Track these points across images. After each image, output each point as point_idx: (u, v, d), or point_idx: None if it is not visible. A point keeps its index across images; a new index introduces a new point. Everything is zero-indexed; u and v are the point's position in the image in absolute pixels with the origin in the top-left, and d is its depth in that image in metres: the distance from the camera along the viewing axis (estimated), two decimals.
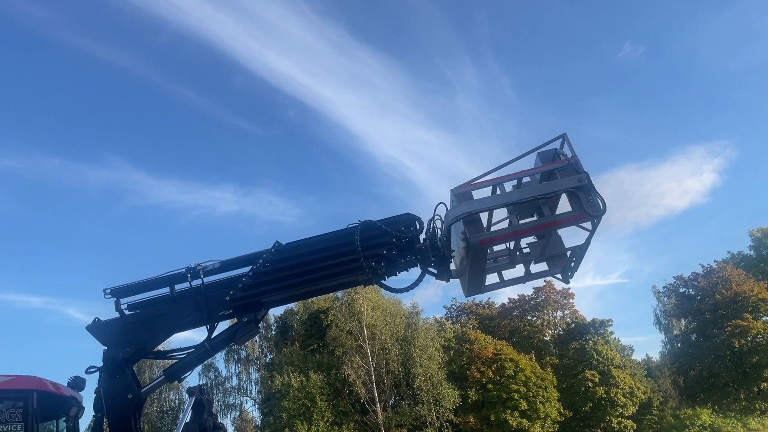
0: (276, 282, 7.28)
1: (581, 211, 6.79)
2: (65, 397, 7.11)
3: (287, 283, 7.33)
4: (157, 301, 7.26)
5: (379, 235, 7.24)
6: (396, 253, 7.24)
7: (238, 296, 7.13)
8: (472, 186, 7.18)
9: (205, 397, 8.99)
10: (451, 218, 6.93)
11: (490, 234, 7.13)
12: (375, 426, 48.74)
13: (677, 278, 68.20)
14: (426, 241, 7.36)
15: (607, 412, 61.06)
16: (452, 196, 7.15)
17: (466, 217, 6.80)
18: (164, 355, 7.45)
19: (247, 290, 7.18)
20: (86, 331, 7.04)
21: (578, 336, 66.66)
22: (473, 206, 6.91)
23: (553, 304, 71.29)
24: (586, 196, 6.76)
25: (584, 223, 7.00)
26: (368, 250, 7.13)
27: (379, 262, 7.18)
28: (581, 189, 6.73)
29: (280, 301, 7.99)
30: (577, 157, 6.96)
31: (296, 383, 48.51)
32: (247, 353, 68.21)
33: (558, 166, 7.05)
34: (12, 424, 6.31)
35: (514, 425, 52.20)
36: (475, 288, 7.93)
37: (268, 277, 7.25)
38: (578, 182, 6.75)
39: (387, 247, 7.19)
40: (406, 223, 7.39)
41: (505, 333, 68.82)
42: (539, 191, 6.94)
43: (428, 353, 50.73)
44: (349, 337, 50.61)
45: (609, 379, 61.26)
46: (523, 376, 54.31)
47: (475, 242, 6.81)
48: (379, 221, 7.32)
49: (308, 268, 7.29)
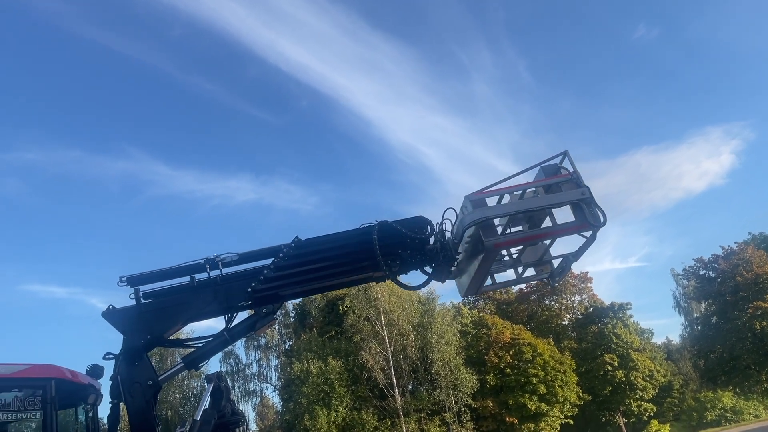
0: (295, 276, 7.59)
1: (584, 221, 7.45)
2: (83, 385, 7.18)
3: (306, 278, 7.68)
4: (176, 289, 7.38)
5: (395, 235, 7.63)
6: (410, 253, 7.65)
7: (260, 288, 7.38)
8: (485, 194, 7.61)
9: (223, 383, 9.14)
10: (468, 222, 7.36)
11: (504, 238, 7.64)
12: (394, 411, 49.13)
13: (697, 260, 67.59)
14: (436, 243, 7.75)
15: (627, 396, 60.97)
16: (466, 202, 7.59)
17: (483, 222, 7.31)
18: (181, 343, 7.57)
19: (268, 282, 7.43)
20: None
21: (597, 320, 66.42)
22: (489, 212, 7.42)
23: (571, 288, 70.94)
24: (589, 208, 7.42)
25: (585, 232, 7.66)
26: (384, 249, 7.53)
27: (395, 260, 7.59)
28: (584, 201, 7.41)
29: (298, 295, 8.30)
30: (578, 172, 7.60)
31: (315, 369, 48.99)
32: (267, 340, 68.96)
33: (562, 180, 7.67)
34: (31, 412, 6.43)
35: (532, 409, 52.32)
36: (473, 288, 8.48)
37: (288, 270, 7.51)
38: (581, 195, 7.44)
39: (402, 247, 7.61)
40: (419, 225, 7.77)
41: (522, 318, 68.77)
42: (548, 201, 7.58)
43: (445, 339, 50.89)
44: (367, 324, 50.92)
45: (628, 363, 61.07)
46: (541, 361, 54.30)
47: (490, 245, 7.35)
48: (394, 222, 7.76)
49: (327, 264, 7.65)
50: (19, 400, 6.42)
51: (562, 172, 7.79)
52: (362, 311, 50.85)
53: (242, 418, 9.28)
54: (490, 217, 7.39)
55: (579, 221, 7.53)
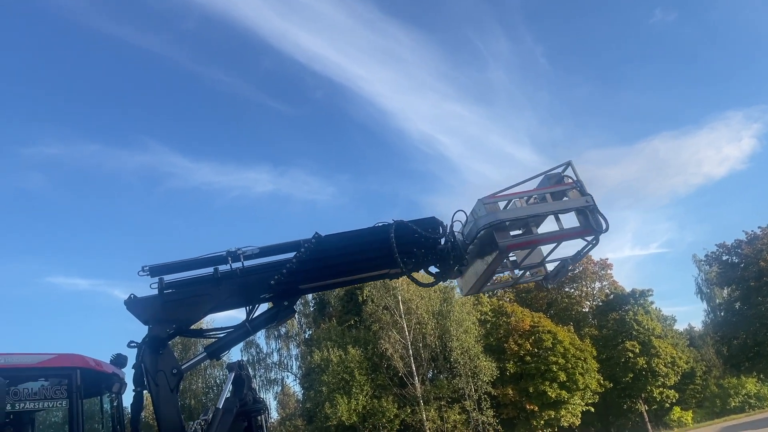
0: (317, 270, 7.81)
1: (588, 227, 8.00)
2: (107, 374, 7.28)
3: (326, 273, 7.93)
4: (199, 280, 7.48)
5: (410, 234, 7.91)
6: (423, 252, 7.95)
7: (283, 281, 7.53)
8: (497, 197, 8.01)
9: (244, 372, 9.28)
10: (483, 224, 7.72)
11: (516, 240, 8.09)
12: (414, 399, 49.35)
13: (720, 246, 66.56)
14: (447, 243, 8.04)
15: (648, 382, 60.60)
16: (479, 205, 7.90)
17: (498, 224, 7.73)
18: (203, 333, 7.68)
19: (291, 276, 7.59)
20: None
21: (617, 307, 65.98)
22: (503, 215, 7.83)
23: (591, 275, 70.52)
24: (592, 214, 7.97)
25: (588, 237, 8.18)
26: (401, 247, 7.82)
27: (410, 258, 7.88)
28: (588, 208, 7.97)
29: (317, 288, 8.55)
30: (581, 181, 8.13)
31: (335, 358, 49.32)
32: (287, 330, 69.56)
33: (567, 188, 8.17)
34: (57, 400, 6.53)
35: (553, 396, 52.23)
36: (476, 287, 8.87)
37: (309, 265, 7.70)
38: (585, 202, 7.98)
39: (417, 246, 7.91)
40: (432, 225, 8.08)
41: (542, 305, 68.53)
42: (555, 208, 8.07)
43: (464, 327, 50.89)
44: (386, 313, 51.08)
45: (650, 350, 60.66)
46: (561, 348, 54.12)
47: (504, 246, 7.76)
48: (409, 222, 8.08)
49: (347, 260, 7.94)
50: (45, 389, 6.51)
51: (566, 180, 8.28)
52: (381, 300, 51.02)
53: (263, 406, 9.41)
54: (504, 220, 7.78)
55: (584, 227, 8.04)
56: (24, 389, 6.40)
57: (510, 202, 8.11)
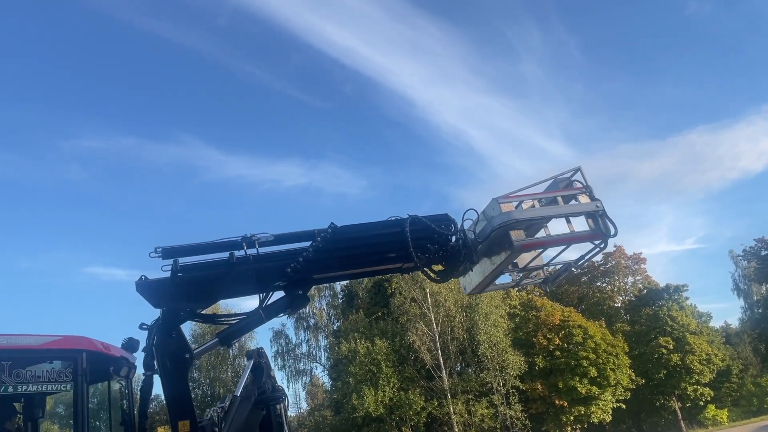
0: (332, 261, 7.79)
1: (598, 231, 8.14)
2: (116, 358, 7.07)
3: (342, 263, 7.94)
4: (213, 264, 7.32)
5: (425, 229, 7.97)
6: (436, 248, 8.00)
7: (299, 269, 7.45)
8: (511, 198, 8.10)
9: (263, 360, 9.20)
10: (498, 223, 7.76)
11: (530, 240, 8.21)
12: (441, 392, 49.14)
13: (758, 241, 64.60)
14: (458, 241, 8.08)
15: (682, 380, 59.26)
16: (494, 204, 7.95)
17: (514, 224, 7.79)
18: (215, 319, 7.57)
19: (307, 265, 7.52)
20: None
21: (651, 302, 64.59)
22: (519, 215, 7.91)
23: (624, 269, 69.13)
24: (602, 219, 8.11)
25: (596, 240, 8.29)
26: (415, 241, 7.88)
27: (424, 253, 7.92)
28: (597, 213, 8.12)
29: (330, 279, 8.58)
30: (590, 187, 8.29)
31: (362, 349, 49.37)
32: (316, 321, 70.04)
33: (577, 192, 8.32)
34: (61, 383, 6.37)
35: (583, 392, 51.39)
36: (481, 287, 9.00)
37: (325, 255, 7.64)
38: (596, 207, 8.13)
39: (430, 241, 7.97)
40: (445, 221, 8.14)
41: (573, 300, 67.52)
42: (567, 211, 8.24)
43: (492, 320, 50.40)
44: (413, 305, 50.92)
45: (684, 346, 59.27)
46: (592, 343, 53.17)
47: (518, 246, 7.84)
48: (423, 217, 8.14)
49: (363, 252, 7.97)
50: (48, 372, 6.36)
51: (575, 185, 8.45)
52: (409, 292, 50.85)
53: (283, 394, 9.34)
54: (520, 220, 7.86)
55: (593, 231, 8.20)
56: (28, 372, 6.24)
57: (521, 202, 8.22)
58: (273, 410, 8.85)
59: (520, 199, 8.20)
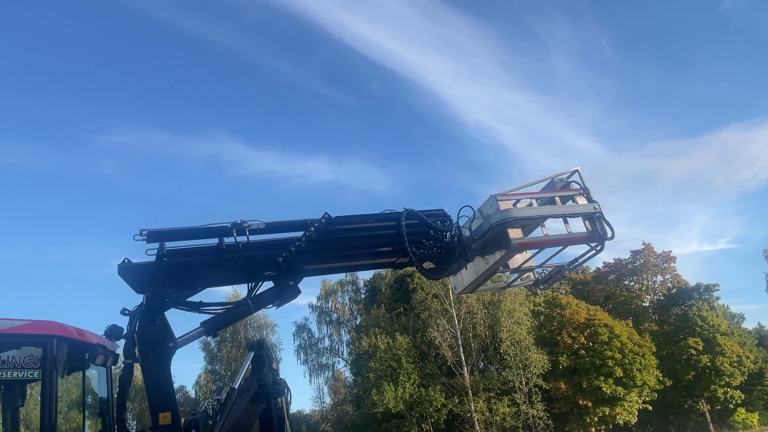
0: (325, 252, 7.63)
1: (595, 233, 8.09)
2: (91, 345, 6.70)
3: (335, 255, 7.79)
4: (201, 250, 7.06)
5: (421, 224, 7.83)
6: (431, 244, 7.82)
7: (291, 259, 7.21)
8: (509, 196, 8.07)
9: (264, 351, 8.86)
10: (496, 220, 7.66)
11: (528, 239, 8.10)
12: (462, 389, 48.60)
13: None
14: (453, 238, 7.92)
15: (712, 382, 57.64)
16: (492, 201, 7.89)
17: (512, 221, 7.70)
18: (201, 307, 7.22)
19: (299, 255, 7.29)
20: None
21: (680, 301, 62.98)
22: (517, 213, 7.81)
23: (653, 268, 67.52)
24: (599, 222, 8.08)
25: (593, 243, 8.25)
26: (411, 236, 7.72)
27: (419, 248, 7.75)
28: (595, 216, 8.10)
29: (322, 271, 8.26)
30: (588, 189, 8.29)
31: (383, 345, 49.10)
32: (338, 315, 70.06)
33: (575, 194, 8.28)
34: (28, 370, 6.03)
35: (608, 392, 50.31)
36: (471, 287, 8.94)
37: (318, 245, 7.43)
38: (593, 209, 8.11)
39: (426, 237, 7.81)
40: (441, 218, 8.02)
41: (599, 298, 66.22)
42: (565, 211, 8.18)
43: (515, 317, 49.64)
44: (435, 301, 50.44)
45: (714, 347, 57.64)
46: (618, 343, 51.98)
47: (515, 245, 7.76)
48: (419, 212, 7.97)
49: (357, 244, 7.83)
50: (15, 358, 6.05)
51: (572, 186, 8.43)
52: (431, 288, 50.36)
53: (284, 387, 9.01)
54: (518, 218, 7.76)
55: (591, 233, 8.15)
56: None
57: (518, 201, 8.17)
58: (274, 404, 8.53)
59: (518, 198, 8.16)
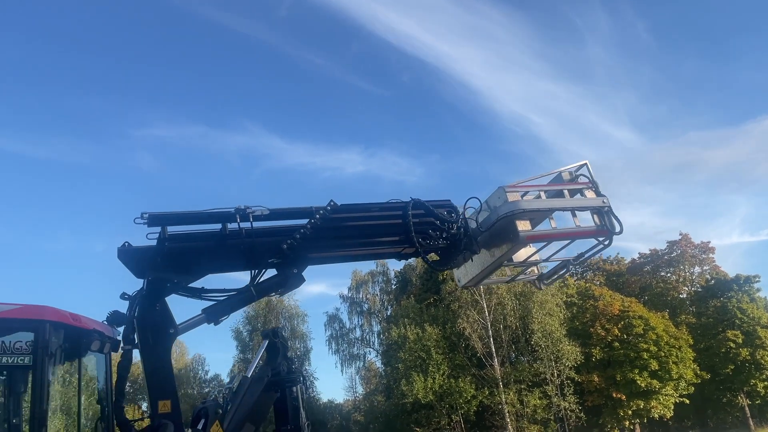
0: (331, 240, 7.53)
1: (604, 227, 8.04)
2: (86, 330, 6.48)
3: (340, 243, 7.70)
4: (203, 236, 6.95)
5: (428, 214, 7.75)
6: (437, 235, 7.73)
7: (295, 246, 7.11)
8: (518, 188, 7.96)
9: (279, 340, 8.84)
10: (504, 212, 7.56)
11: (536, 232, 7.99)
12: (492, 380, 48.21)
13: None
14: (460, 229, 7.84)
15: (752, 375, 55.99)
16: (500, 192, 7.78)
17: (520, 213, 7.63)
18: (202, 294, 7.15)
19: (304, 242, 7.18)
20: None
21: (719, 293, 61.25)
22: (526, 205, 7.75)
23: (690, 259, 65.77)
24: (608, 216, 8.05)
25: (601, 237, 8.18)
26: (417, 226, 7.64)
27: (425, 239, 7.66)
28: (603, 209, 8.06)
29: (325, 259, 8.05)
30: (596, 183, 8.26)
31: (412, 335, 49.00)
32: (369, 306, 70.25)
33: (584, 187, 8.25)
34: (18, 356, 5.83)
35: (642, 386, 49.25)
36: (475, 280, 8.84)
37: (323, 233, 7.32)
38: (602, 203, 8.08)
39: (432, 227, 7.71)
40: (447, 209, 7.95)
41: (634, 290, 64.84)
42: (574, 204, 8.13)
43: (547, 308, 48.90)
44: (465, 291, 50.05)
45: (754, 340, 55.91)
46: (653, 335, 50.78)
47: (523, 237, 7.67)
48: (426, 202, 7.87)
49: (363, 233, 7.73)
50: (6, 343, 5.81)
51: (580, 179, 8.39)
52: None
53: (299, 376, 8.96)
54: (527, 210, 7.68)
55: (599, 227, 8.11)
56: None
57: (525, 193, 8.10)
58: (288, 392, 8.50)
59: (526, 190, 8.09)
